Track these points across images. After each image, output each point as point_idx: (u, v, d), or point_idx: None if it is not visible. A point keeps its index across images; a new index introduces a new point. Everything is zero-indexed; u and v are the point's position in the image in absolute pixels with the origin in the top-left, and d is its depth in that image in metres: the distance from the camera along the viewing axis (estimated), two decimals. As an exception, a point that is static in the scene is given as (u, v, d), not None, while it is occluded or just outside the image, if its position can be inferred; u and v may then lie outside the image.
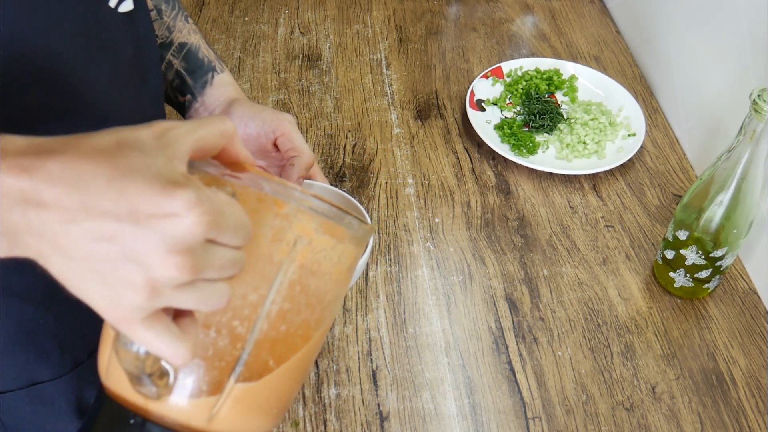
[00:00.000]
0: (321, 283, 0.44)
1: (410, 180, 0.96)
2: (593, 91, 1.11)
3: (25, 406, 0.69)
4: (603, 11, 1.30)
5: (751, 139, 0.71)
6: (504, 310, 0.81)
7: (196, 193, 0.32)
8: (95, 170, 0.31)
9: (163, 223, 0.32)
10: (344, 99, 1.08)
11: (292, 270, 0.42)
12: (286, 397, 0.47)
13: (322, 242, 0.43)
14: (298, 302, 0.43)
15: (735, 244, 0.77)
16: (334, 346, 0.77)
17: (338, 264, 0.44)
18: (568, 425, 0.72)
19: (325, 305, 0.45)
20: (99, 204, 0.31)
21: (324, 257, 0.43)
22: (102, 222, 0.32)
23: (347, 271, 0.46)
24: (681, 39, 1.06)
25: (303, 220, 0.41)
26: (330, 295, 0.45)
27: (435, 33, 1.22)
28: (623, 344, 0.79)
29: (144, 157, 0.32)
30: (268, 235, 0.41)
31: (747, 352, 0.79)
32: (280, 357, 0.44)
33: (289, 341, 0.44)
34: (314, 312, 0.44)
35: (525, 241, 0.89)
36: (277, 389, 0.45)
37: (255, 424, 0.46)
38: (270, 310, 0.42)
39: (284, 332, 0.43)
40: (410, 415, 0.72)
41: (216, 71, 0.78)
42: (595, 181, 0.97)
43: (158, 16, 0.77)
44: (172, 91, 0.79)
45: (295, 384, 0.48)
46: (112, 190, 0.31)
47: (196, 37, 0.79)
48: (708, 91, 0.99)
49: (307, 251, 0.42)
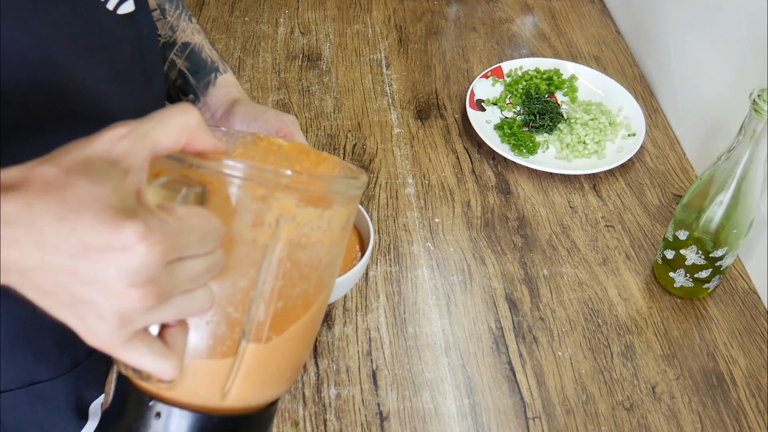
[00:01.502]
0: (313, 253, 0.43)
1: (410, 180, 0.96)
2: (593, 91, 1.11)
3: (24, 405, 0.69)
4: (603, 11, 1.30)
5: (751, 139, 0.71)
6: (504, 310, 0.81)
7: (145, 223, 0.32)
8: (46, 208, 0.31)
9: (117, 257, 0.32)
10: (344, 99, 1.08)
11: (278, 249, 0.41)
12: (296, 361, 0.47)
13: (306, 215, 0.41)
14: (292, 277, 0.42)
15: (735, 244, 0.77)
16: (334, 346, 0.77)
17: (329, 229, 0.43)
18: (568, 425, 0.72)
19: (322, 270, 0.44)
20: (53, 242, 0.31)
21: (311, 228, 0.42)
22: (59, 260, 0.32)
23: (341, 231, 0.45)
24: (681, 39, 1.06)
25: (281, 198, 0.40)
26: (326, 259, 0.44)
27: (435, 33, 1.22)
28: (623, 344, 0.79)
29: (93, 185, 0.32)
30: (247, 220, 0.39)
31: (747, 352, 0.79)
32: (282, 327, 0.44)
33: (289, 312, 0.43)
34: (311, 280, 0.44)
35: (525, 241, 0.89)
36: (284, 356, 0.45)
37: (267, 392, 0.46)
38: (263, 291, 0.41)
39: (282, 307, 0.43)
40: (410, 415, 0.72)
41: (219, 72, 0.79)
42: (595, 181, 0.97)
43: (162, 16, 0.77)
44: (174, 90, 0.79)
45: (303, 346, 0.47)
46: (64, 228, 0.31)
47: (200, 37, 0.79)
48: (708, 91, 0.99)
49: (292, 228, 0.41)
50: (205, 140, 0.37)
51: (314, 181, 0.41)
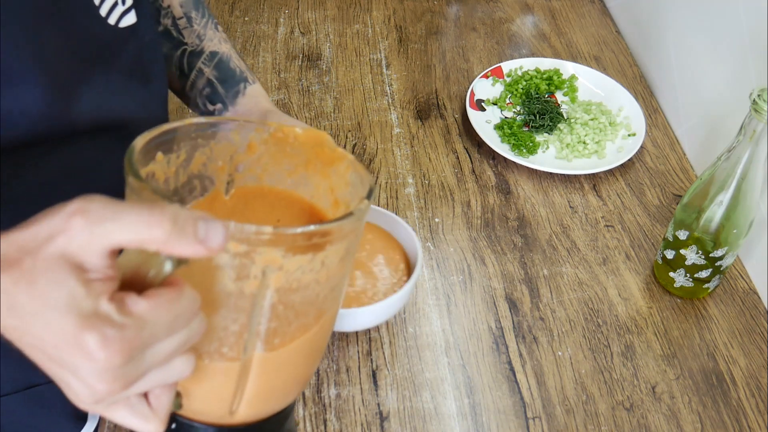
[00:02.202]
0: (307, 292, 0.42)
1: (410, 180, 0.96)
2: (593, 91, 1.11)
3: (22, 409, 0.69)
4: (603, 11, 1.30)
5: (751, 139, 0.71)
6: (504, 310, 0.81)
7: (101, 333, 0.33)
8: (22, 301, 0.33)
9: (83, 362, 0.33)
10: (344, 99, 1.08)
11: (268, 297, 0.40)
12: (301, 374, 0.47)
13: (295, 262, 0.39)
14: (287, 317, 0.41)
15: (735, 244, 0.77)
16: (334, 346, 0.77)
17: (323, 268, 0.41)
18: (568, 425, 0.72)
19: (320, 302, 0.43)
20: (31, 331, 0.34)
21: (302, 272, 0.40)
22: (34, 352, 0.35)
23: (340, 262, 0.43)
24: (681, 39, 1.06)
25: (265, 252, 0.38)
26: (324, 292, 0.43)
27: (435, 33, 1.22)
28: (623, 344, 0.79)
29: (54, 288, 0.33)
30: (231, 274, 0.38)
31: (747, 352, 0.79)
32: (282, 352, 0.43)
33: (288, 338, 0.43)
34: (309, 314, 0.43)
35: (525, 241, 0.89)
36: (286, 374, 0.45)
37: (274, 405, 0.47)
38: (257, 331, 0.41)
39: (279, 343, 0.42)
40: (410, 415, 0.72)
41: (248, 81, 0.79)
42: (595, 181, 0.97)
43: (188, 24, 0.77)
44: (201, 99, 0.79)
45: (308, 361, 0.47)
46: (37, 323, 0.34)
47: (227, 46, 0.80)
48: (708, 91, 0.99)
49: (280, 276, 0.39)
50: (182, 249, 0.34)
51: (299, 236, 0.38)
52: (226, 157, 0.49)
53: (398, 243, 0.78)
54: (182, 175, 0.48)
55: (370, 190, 0.45)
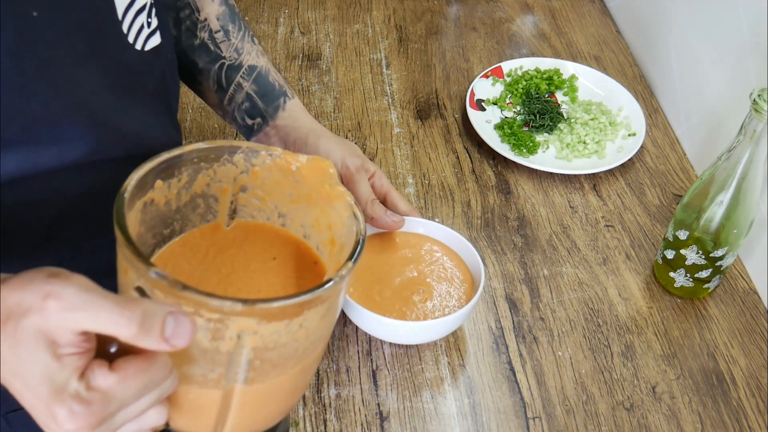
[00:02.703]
0: (285, 350, 0.41)
1: (410, 180, 0.96)
2: (593, 91, 1.11)
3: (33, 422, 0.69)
4: (603, 11, 1.30)
5: (751, 139, 0.71)
6: (504, 310, 0.81)
7: (69, 409, 0.36)
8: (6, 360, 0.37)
9: (55, 426, 0.37)
10: (344, 99, 1.08)
11: (245, 355, 0.40)
12: (286, 402, 0.47)
13: (270, 328, 0.39)
14: (263, 370, 0.41)
15: (735, 244, 0.77)
16: (334, 346, 0.77)
17: (302, 329, 0.41)
18: (568, 425, 0.72)
19: (300, 354, 0.42)
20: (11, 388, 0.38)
21: (279, 335, 0.40)
22: (17, 397, 0.38)
23: (321, 320, 0.42)
24: (681, 39, 1.06)
25: (238, 320, 0.38)
26: (303, 346, 0.42)
27: (435, 33, 1.22)
28: (623, 344, 0.79)
29: (32, 359, 0.36)
30: (206, 335, 0.38)
31: (747, 352, 0.79)
32: (263, 389, 0.43)
33: (269, 379, 0.43)
34: (288, 365, 0.42)
35: (525, 240, 0.89)
36: (270, 404, 0.45)
37: (260, 426, 0.47)
38: (236, 378, 0.41)
39: (259, 383, 0.42)
40: (410, 415, 0.72)
41: (288, 96, 0.79)
42: (595, 181, 0.97)
43: (225, 37, 0.77)
44: (240, 113, 0.79)
45: (292, 392, 0.47)
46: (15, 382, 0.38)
47: (264, 59, 0.80)
48: (708, 91, 0.99)
49: (256, 338, 0.39)
50: (148, 346, 0.36)
51: (270, 311, 0.38)
52: (230, 179, 0.49)
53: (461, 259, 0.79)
54: (185, 196, 0.48)
55: (355, 251, 0.43)
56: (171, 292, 0.37)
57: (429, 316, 0.73)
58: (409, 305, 0.73)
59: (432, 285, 0.75)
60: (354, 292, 0.74)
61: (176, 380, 0.39)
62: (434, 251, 0.79)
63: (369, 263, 0.77)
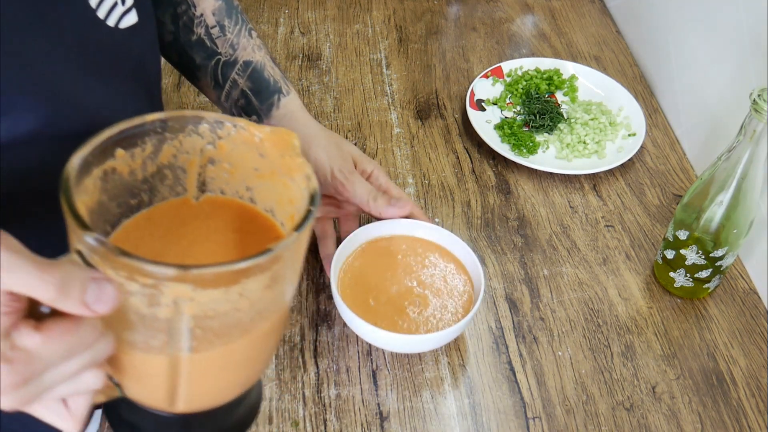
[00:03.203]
0: (227, 319, 0.40)
1: (410, 180, 0.96)
2: (593, 91, 1.11)
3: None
4: (603, 11, 1.30)
5: (751, 139, 0.71)
6: (504, 310, 0.81)
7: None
8: None
9: None
10: (344, 99, 1.08)
11: (184, 321, 0.39)
12: (242, 376, 0.47)
13: (206, 295, 0.38)
14: (206, 338, 0.41)
15: (735, 244, 0.77)
16: (334, 346, 0.77)
17: (243, 298, 0.40)
18: (568, 425, 0.72)
19: (247, 324, 0.42)
20: None
21: (217, 303, 0.39)
22: None
23: (265, 290, 0.41)
24: (681, 39, 1.06)
25: (172, 286, 0.37)
26: (248, 317, 0.42)
27: (435, 33, 1.22)
28: (623, 344, 0.79)
29: None
30: (143, 300, 0.38)
31: (747, 352, 0.79)
32: (213, 354, 0.42)
33: (215, 358, 0.42)
34: (233, 335, 0.42)
35: (525, 241, 0.89)
36: (227, 369, 0.45)
37: (214, 400, 0.47)
38: (179, 346, 0.40)
39: (206, 358, 0.42)
40: (410, 415, 0.72)
41: (282, 93, 0.78)
42: (595, 181, 0.97)
43: (221, 33, 0.76)
44: (237, 110, 0.79)
45: (251, 357, 0.46)
46: None
47: (261, 53, 0.79)
48: (708, 91, 0.99)
49: (194, 305, 0.38)
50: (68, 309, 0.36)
51: (203, 277, 0.37)
52: (196, 150, 0.49)
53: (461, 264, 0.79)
54: (151, 166, 0.47)
55: (302, 223, 0.42)
56: (105, 256, 0.36)
57: (423, 327, 0.72)
58: (403, 316, 0.73)
59: (428, 296, 0.75)
60: (349, 298, 0.74)
61: (111, 344, 0.39)
62: (434, 257, 0.79)
63: (366, 269, 0.77)
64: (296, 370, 0.74)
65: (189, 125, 0.47)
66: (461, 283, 0.77)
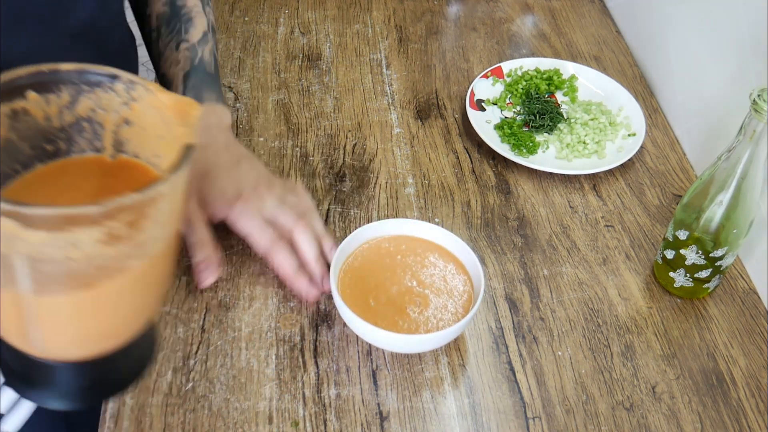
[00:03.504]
0: (62, 267, 0.40)
1: (410, 180, 0.96)
2: (593, 91, 1.11)
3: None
4: (603, 11, 1.30)
5: (751, 139, 0.71)
6: (504, 309, 0.81)
7: None
8: None
9: None
10: (344, 99, 1.08)
11: (18, 259, 0.39)
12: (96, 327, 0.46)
13: (35, 237, 0.38)
14: (45, 283, 0.40)
15: (735, 244, 0.77)
16: (334, 346, 0.77)
17: (77, 249, 0.39)
18: (568, 425, 0.72)
19: (86, 278, 0.41)
20: None
21: (47, 249, 0.39)
22: None
23: (105, 248, 0.40)
24: (681, 39, 1.06)
25: (5, 222, 0.37)
26: (86, 270, 0.41)
27: (435, 33, 1.22)
28: (623, 344, 0.79)
29: None
30: None
31: (747, 352, 0.79)
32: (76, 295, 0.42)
33: (59, 305, 0.42)
34: (70, 285, 0.41)
35: (525, 241, 0.89)
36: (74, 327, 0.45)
37: (79, 349, 0.47)
38: (25, 288, 0.40)
39: (50, 303, 0.42)
40: (410, 415, 0.72)
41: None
42: (595, 181, 0.97)
43: (157, 38, 0.77)
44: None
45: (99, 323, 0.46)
46: None
47: (176, 68, 0.78)
48: (708, 91, 0.99)
49: (26, 246, 0.38)
50: None
51: (28, 216, 0.37)
52: (112, 107, 0.49)
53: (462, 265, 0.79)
54: (68, 116, 0.48)
55: (150, 186, 0.41)
56: None
57: (423, 327, 0.72)
58: (403, 316, 0.73)
59: (428, 296, 0.75)
60: (349, 298, 0.74)
61: None
62: (434, 257, 0.79)
63: (366, 269, 0.77)
64: (296, 369, 0.74)
65: (105, 81, 0.48)
66: (461, 283, 0.77)
